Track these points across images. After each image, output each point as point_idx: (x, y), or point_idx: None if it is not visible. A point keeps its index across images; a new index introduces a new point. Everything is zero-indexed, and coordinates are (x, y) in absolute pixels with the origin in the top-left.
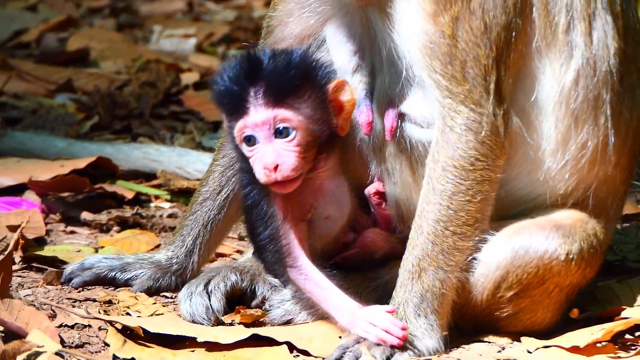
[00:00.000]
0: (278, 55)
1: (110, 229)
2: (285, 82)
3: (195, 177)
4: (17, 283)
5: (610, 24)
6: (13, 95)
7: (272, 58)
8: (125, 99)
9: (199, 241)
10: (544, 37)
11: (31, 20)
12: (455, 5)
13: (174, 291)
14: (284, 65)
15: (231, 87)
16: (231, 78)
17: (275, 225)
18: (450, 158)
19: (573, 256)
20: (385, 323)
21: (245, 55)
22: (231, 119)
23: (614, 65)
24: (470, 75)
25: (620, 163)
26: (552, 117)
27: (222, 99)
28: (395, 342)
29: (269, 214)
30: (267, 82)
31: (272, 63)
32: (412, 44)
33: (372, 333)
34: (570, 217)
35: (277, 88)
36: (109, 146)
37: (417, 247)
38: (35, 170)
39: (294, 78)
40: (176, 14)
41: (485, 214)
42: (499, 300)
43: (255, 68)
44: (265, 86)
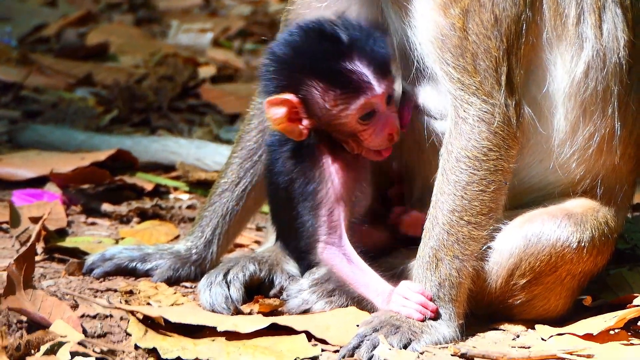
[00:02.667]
0: (366, 29)
1: (130, 220)
2: (387, 52)
3: (213, 168)
4: (40, 274)
5: (620, 16)
6: (34, 89)
7: (364, 31)
8: (144, 93)
9: (218, 232)
10: (555, 29)
11: (51, 15)
12: None
13: (193, 281)
14: (380, 36)
15: (352, 68)
16: (347, 59)
17: (319, 202)
18: (464, 149)
19: (585, 244)
20: (419, 297)
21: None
22: (352, 101)
23: (623, 57)
24: (482, 67)
25: (627, 153)
26: (562, 108)
27: (346, 82)
28: (429, 315)
29: (312, 191)
30: (377, 54)
31: (371, 37)
32: (424, 36)
33: (409, 307)
34: (581, 205)
35: (385, 60)
36: (129, 139)
37: (433, 237)
38: (56, 163)
39: (386, 48)
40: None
41: (499, 203)
42: (513, 288)
43: (362, 45)
44: (378, 59)
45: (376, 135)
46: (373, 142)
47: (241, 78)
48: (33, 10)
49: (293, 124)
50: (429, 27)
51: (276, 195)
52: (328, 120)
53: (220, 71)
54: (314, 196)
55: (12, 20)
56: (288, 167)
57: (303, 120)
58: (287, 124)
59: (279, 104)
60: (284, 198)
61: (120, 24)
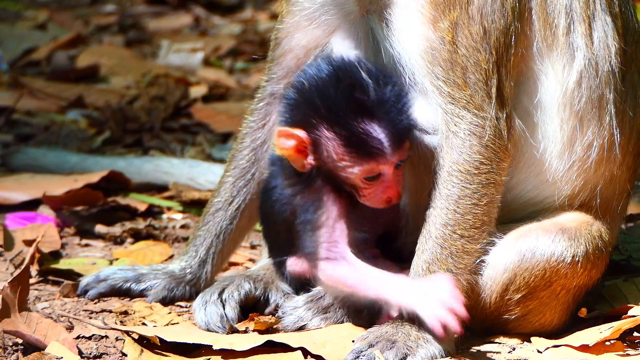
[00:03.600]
0: (399, 91)
1: (124, 241)
2: (411, 122)
3: (206, 188)
4: (34, 296)
5: (610, 24)
6: (25, 113)
7: (395, 93)
8: (136, 114)
9: (212, 251)
10: (545, 39)
11: (41, 38)
12: (454, 10)
13: (188, 300)
14: (409, 102)
15: (370, 131)
16: (369, 119)
17: (319, 225)
18: (455, 163)
19: (579, 258)
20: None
21: (369, 88)
22: (360, 163)
23: (616, 65)
24: (472, 80)
25: (625, 162)
26: (556, 119)
27: (360, 143)
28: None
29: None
30: (400, 123)
31: (401, 102)
32: (413, 51)
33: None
34: (575, 219)
35: (407, 130)
36: (121, 160)
37: (427, 251)
38: (49, 185)
39: (410, 117)
40: (183, 29)
41: (492, 217)
42: (507, 303)
43: (389, 109)
44: (400, 128)
45: (375, 196)
46: (370, 200)
47: (232, 97)
48: (23, 34)
49: (299, 155)
50: (419, 42)
51: (270, 214)
52: (332, 167)
53: (211, 90)
54: (313, 221)
55: (2, 44)
56: (287, 192)
57: (309, 157)
58: (293, 154)
59: (289, 137)
60: (279, 218)
61: (110, 45)
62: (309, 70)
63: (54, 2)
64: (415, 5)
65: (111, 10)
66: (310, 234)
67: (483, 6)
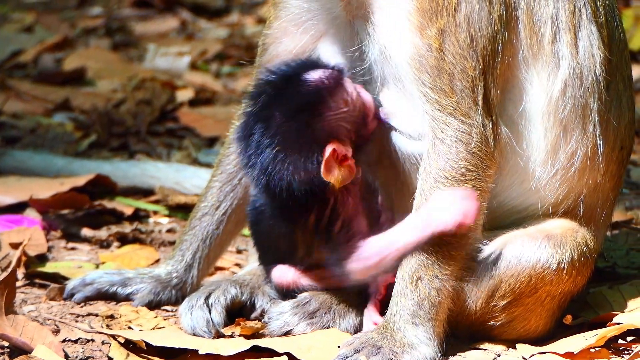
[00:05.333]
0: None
1: (110, 244)
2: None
3: (192, 192)
4: (21, 299)
5: (595, 34)
6: (12, 115)
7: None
8: (122, 117)
9: (198, 255)
10: (530, 47)
11: (28, 41)
12: (441, 17)
13: (174, 305)
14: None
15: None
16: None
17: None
18: (442, 169)
19: (564, 265)
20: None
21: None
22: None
23: (601, 74)
24: (458, 87)
25: (609, 170)
26: (541, 127)
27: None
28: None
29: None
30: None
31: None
32: (401, 58)
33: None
34: (561, 226)
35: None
36: (108, 164)
37: (413, 257)
38: (35, 188)
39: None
40: (170, 32)
41: (478, 223)
42: (493, 309)
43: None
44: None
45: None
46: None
47: (219, 101)
48: (9, 37)
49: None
50: (406, 48)
51: (261, 220)
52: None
53: (198, 94)
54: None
55: None
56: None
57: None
58: (344, 171)
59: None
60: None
61: (97, 48)
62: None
63: (41, 5)
64: (402, 12)
65: (98, 13)
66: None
67: (470, 14)
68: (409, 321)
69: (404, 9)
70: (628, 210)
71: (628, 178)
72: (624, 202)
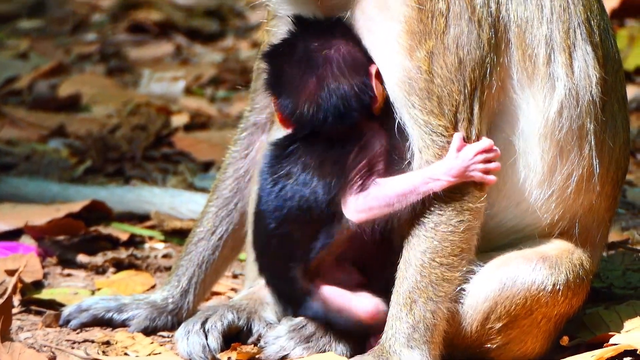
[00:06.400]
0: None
1: (106, 270)
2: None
3: (188, 217)
4: (17, 326)
5: (591, 54)
6: (7, 142)
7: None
8: (117, 143)
9: (194, 281)
10: (525, 69)
11: (22, 67)
12: (429, 39)
13: (170, 330)
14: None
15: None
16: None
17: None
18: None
19: (560, 287)
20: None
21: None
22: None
23: (597, 94)
24: (447, 109)
25: (604, 191)
26: (537, 149)
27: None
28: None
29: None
30: None
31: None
32: (391, 80)
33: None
34: (556, 247)
35: None
36: (103, 189)
37: (407, 279)
38: (31, 215)
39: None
40: (164, 57)
41: (471, 244)
42: (489, 331)
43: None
44: None
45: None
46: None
47: (214, 125)
48: (4, 63)
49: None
50: (396, 71)
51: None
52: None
53: (193, 119)
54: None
55: None
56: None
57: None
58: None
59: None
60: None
61: (91, 74)
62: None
63: (35, 31)
64: (392, 35)
65: (92, 39)
66: (338, 174)
67: (459, 36)
68: (404, 344)
69: (393, 31)
70: (624, 230)
71: (624, 198)
72: (620, 222)
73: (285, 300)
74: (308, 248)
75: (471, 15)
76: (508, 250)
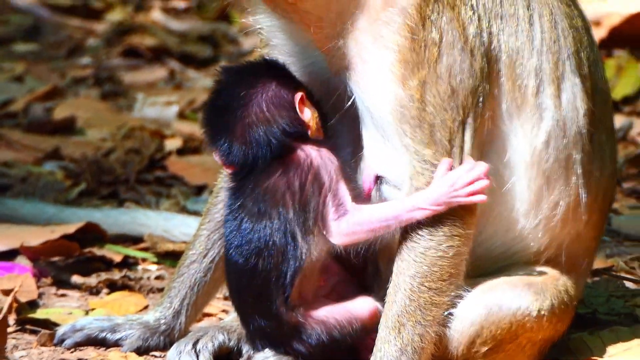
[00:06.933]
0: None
1: (99, 291)
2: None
3: (180, 239)
4: (12, 345)
5: (579, 85)
6: (3, 164)
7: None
8: (111, 166)
9: (186, 302)
10: (514, 99)
11: (18, 90)
12: (422, 69)
13: (162, 350)
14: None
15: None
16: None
17: (319, 190)
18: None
19: (544, 312)
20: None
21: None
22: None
23: (584, 125)
24: (438, 137)
25: (591, 220)
26: (525, 178)
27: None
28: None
29: (305, 186)
30: None
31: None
32: (383, 109)
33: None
34: (542, 274)
35: None
36: (97, 212)
37: (396, 303)
38: (26, 236)
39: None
40: (158, 82)
41: (460, 269)
42: (475, 355)
43: None
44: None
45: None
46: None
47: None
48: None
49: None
50: (389, 99)
51: (240, 268)
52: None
53: (186, 143)
54: (310, 190)
55: None
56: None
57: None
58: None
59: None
60: (248, 277)
61: (86, 98)
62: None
63: (31, 55)
64: (385, 64)
65: (87, 63)
66: (310, 205)
67: (452, 65)
68: None
69: (386, 60)
70: (609, 257)
71: (609, 226)
72: (604, 250)
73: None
74: (281, 278)
75: (464, 45)
76: (496, 276)
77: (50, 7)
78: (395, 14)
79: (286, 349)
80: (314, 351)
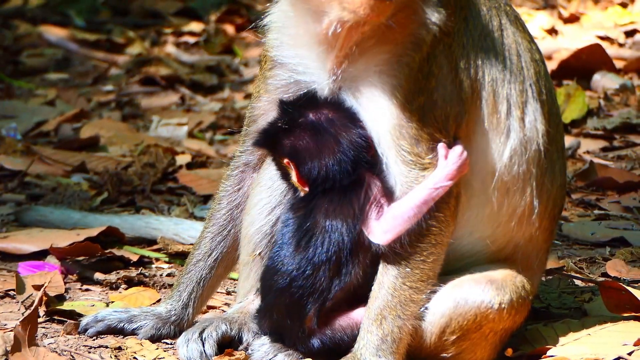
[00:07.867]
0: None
1: (118, 286)
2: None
3: (189, 242)
4: (42, 333)
5: (539, 110)
6: (36, 176)
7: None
8: (130, 178)
9: (193, 296)
10: (491, 122)
11: (50, 113)
12: (421, 95)
13: (173, 338)
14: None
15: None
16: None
17: (363, 202)
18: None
19: (505, 305)
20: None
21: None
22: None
23: (542, 144)
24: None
25: (542, 225)
26: (490, 188)
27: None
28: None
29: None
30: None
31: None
32: (384, 127)
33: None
34: (502, 272)
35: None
36: (117, 217)
37: (379, 298)
38: (55, 239)
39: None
40: (171, 106)
41: (436, 271)
42: (444, 343)
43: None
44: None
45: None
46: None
47: (212, 164)
48: (35, 109)
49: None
50: (389, 119)
51: (292, 274)
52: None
53: (194, 159)
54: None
55: (17, 117)
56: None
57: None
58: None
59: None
60: (301, 276)
61: (109, 119)
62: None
63: (61, 82)
64: (388, 88)
65: (110, 89)
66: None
67: (444, 94)
68: (373, 354)
69: (391, 85)
70: (560, 259)
71: (560, 232)
72: (557, 252)
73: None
74: (325, 291)
75: (454, 78)
76: (462, 273)
77: (79, 42)
78: (409, 49)
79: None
80: (316, 351)
